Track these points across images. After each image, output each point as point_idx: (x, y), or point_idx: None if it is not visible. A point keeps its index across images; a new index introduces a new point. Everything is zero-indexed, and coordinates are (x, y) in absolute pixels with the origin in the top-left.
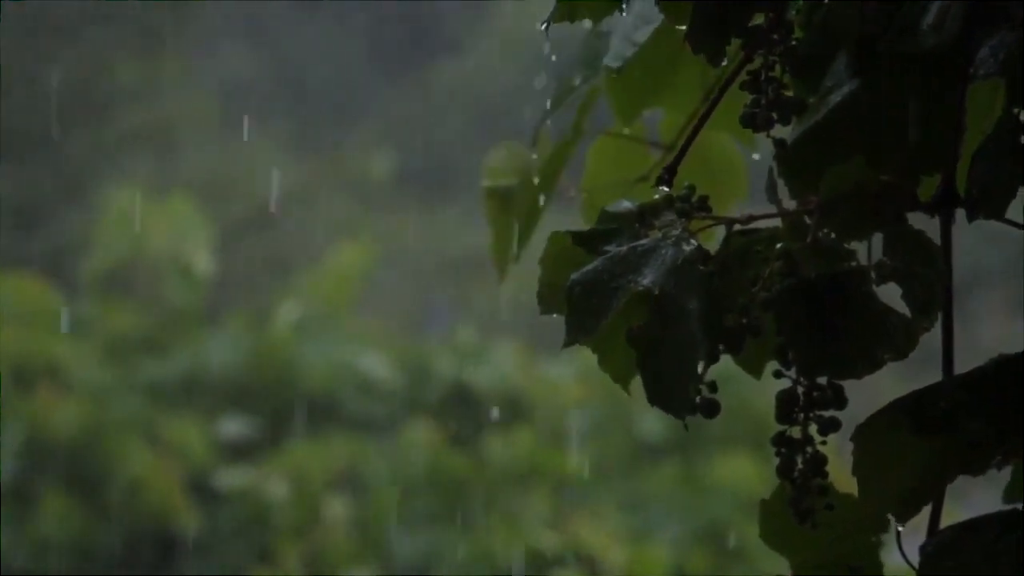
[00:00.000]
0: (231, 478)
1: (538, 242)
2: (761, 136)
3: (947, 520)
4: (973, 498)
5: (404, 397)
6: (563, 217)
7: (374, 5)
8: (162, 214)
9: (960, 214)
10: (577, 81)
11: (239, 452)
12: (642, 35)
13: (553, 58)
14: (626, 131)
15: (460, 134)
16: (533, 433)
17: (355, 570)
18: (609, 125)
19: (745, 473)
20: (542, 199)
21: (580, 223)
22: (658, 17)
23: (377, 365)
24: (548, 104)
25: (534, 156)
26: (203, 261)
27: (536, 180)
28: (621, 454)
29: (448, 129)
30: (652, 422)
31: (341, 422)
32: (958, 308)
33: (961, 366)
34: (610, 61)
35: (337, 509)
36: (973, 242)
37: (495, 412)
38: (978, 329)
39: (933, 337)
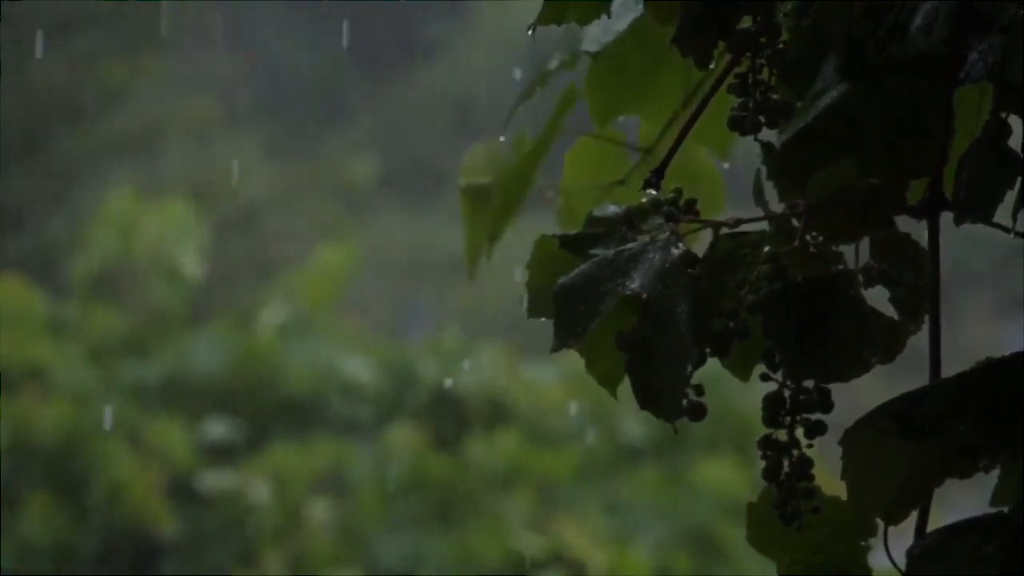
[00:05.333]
0: (214, 481)
1: (523, 244)
2: (735, 145)
3: (932, 523)
4: (950, 499)
5: (387, 399)
6: (540, 219)
7: (355, 8)
8: (155, 217)
9: (947, 217)
10: (553, 65)
11: (222, 455)
12: (621, 23)
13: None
14: (602, 133)
15: (442, 137)
16: (516, 435)
17: (338, 573)
18: (590, 127)
19: (728, 476)
20: (518, 196)
21: (557, 225)
22: (639, 7)
23: (360, 367)
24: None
25: (501, 138)
26: (192, 264)
27: (511, 177)
28: (605, 456)
29: (430, 132)
30: (635, 425)
31: (324, 425)
32: (943, 310)
33: (946, 368)
34: (588, 46)
35: (320, 512)
36: (959, 245)
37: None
38: (964, 331)
39: (917, 338)
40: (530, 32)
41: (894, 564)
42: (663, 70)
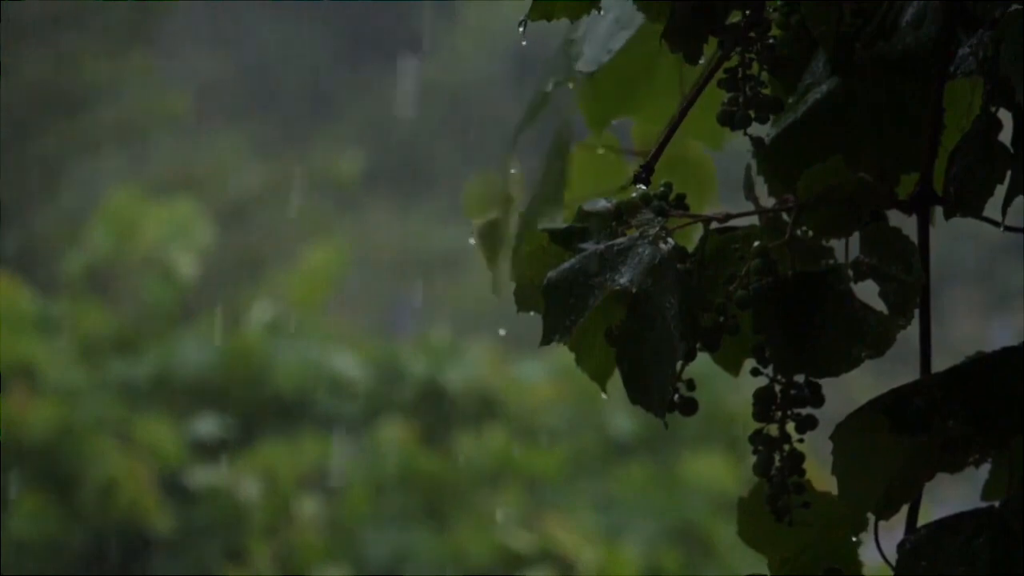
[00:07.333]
0: (203, 477)
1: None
2: (728, 140)
3: (922, 518)
4: (940, 494)
5: (376, 396)
6: None
7: (343, 5)
8: (155, 216)
9: (936, 212)
10: (550, 87)
11: (211, 451)
12: (617, 42)
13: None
14: (600, 143)
15: (429, 132)
16: (505, 432)
17: (327, 569)
18: (585, 136)
19: (717, 472)
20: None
21: None
22: (634, 24)
23: (349, 364)
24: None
25: (512, 170)
26: (188, 263)
27: (516, 202)
28: (593, 453)
29: (417, 127)
30: (624, 420)
31: (313, 421)
32: (933, 305)
33: (936, 363)
34: (583, 66)
35: (309, 508)
36: (949, 239)
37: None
38: (953, 326)
39: (907, 333)
40: (520, 29)
41: (885, 559)
42: (660, 74)
